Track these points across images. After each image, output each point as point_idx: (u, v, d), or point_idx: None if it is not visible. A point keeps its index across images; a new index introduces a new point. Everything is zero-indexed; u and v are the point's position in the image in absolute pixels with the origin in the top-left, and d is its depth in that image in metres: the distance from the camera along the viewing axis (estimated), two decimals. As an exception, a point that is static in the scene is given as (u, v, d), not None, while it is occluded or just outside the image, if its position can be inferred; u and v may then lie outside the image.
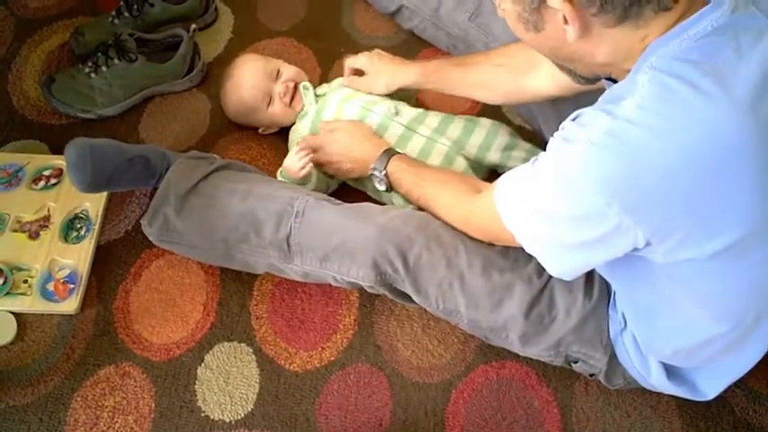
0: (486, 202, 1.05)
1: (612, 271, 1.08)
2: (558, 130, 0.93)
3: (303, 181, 1.38)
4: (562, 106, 1.30)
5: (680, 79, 0.81)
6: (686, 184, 0.83)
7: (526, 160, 1.40)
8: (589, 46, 0.87)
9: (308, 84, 1.53)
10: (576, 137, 0.87)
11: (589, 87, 1.05)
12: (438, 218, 1.23)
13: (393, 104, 1.46)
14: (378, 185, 1.35)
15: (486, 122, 1.48)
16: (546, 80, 1.28)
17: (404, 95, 1.53)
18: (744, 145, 0.82)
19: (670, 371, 1.13)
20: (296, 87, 1.52)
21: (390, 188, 1.34)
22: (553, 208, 0.92)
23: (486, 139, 1.44)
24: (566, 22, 0.84)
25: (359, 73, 1.52)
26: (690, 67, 0.82)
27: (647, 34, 0.84)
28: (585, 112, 0.89)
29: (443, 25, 1.65)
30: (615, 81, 0.95)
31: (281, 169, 1.41)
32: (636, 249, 0.90)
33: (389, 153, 1.34)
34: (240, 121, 1.59)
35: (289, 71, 1.53)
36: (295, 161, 1.37)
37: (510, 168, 1.40)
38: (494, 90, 1.38)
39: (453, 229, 1.21)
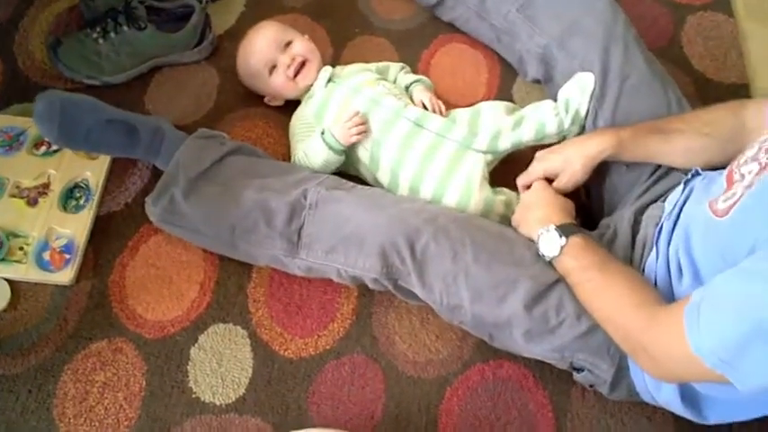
0: (675, 315, 0.92)
1: None
2: None
3: (330, 165, 1.39)
4: None
5: None
6: None
7: (538, 138, 1.40)
8: None
9: (328, 68, 1.50)
10: None
11: None
12: (603, 312, 1.08)
13: (402, 100, 1.42)
14: (543, 247, 1.17)
15: (487, 109, 1.44)
16: None
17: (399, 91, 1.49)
18: None
19: (685, 393, 1.09)
20: (304, 63, 1.48)
21: (555, 256, 1.16)
22: None
23: (493, 125, 1.40)
24: None
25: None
26: None
27: None
28: None
29: (488, 16, 1.60)
30: None
31: (322, 135, 1.37)
32: None
33: (576, 227, 1.19)
34: (246, 84, 1.56)
35: (300, 45, 1.49)
36: (345, 131, 1.36)
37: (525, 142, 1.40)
38: (702, 158, 1.24)
39: (462, 224, 1.20)
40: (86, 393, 1.25)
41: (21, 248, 1.35)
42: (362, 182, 1.41)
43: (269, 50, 1.48)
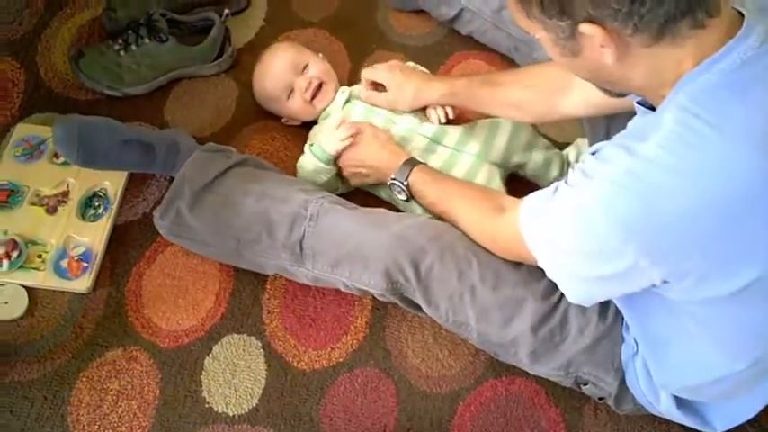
0: (511, 223, 1.04)
1: (628, 299, 1.05)
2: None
3: (321, 175, 1.38)
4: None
5: (705, 121, 0.80)
6: (704, 228, 0.82)
7: (546, 162, 1.44)
8: (627, 68, 0.85)
9: (345, 88, 1.51)
10: (595, 173, 0.86)
11: (622, 106, 1.03)
12: (462, 232, 1.21)
13: (418, 117, 1.44)
14: (398, 195, 1.33)
15: (506, 123, 1.45)
16: (578, 102, 1.26)
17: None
18: (765, 187, 0.80)
19: (680, 400, 1.11)
20: (320, 86, 1.49)
21: (411, 198, 1.31)
22: (570, 241, 0.92)
23: (508, 142, 1.42)
24: (603, 45, 0.82)
25: (377, 86, 1.47)
26: (716, 107, 0.80)
27: (682, 58, 0.82)
28: (606, 147, 0.88)
29: (505, 26, 1.61)
30: (646, 105, 0.94)
31: (310, 147, 1.39)
32: (653, 286, 0.89)
33: (411, 163, 1.31)
34: (263, 106, 1.58)
35: (316, 67, 1.50)
36: (332, 139, 1.35)
37: (529, 170, 1.45)
38: (524, 111, 1.35)
39: (468, 240, 1.20)
40: (101, 401, 1.26)
41: (39, 256, 1.37)
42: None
43: (286, 74, 1.49)
